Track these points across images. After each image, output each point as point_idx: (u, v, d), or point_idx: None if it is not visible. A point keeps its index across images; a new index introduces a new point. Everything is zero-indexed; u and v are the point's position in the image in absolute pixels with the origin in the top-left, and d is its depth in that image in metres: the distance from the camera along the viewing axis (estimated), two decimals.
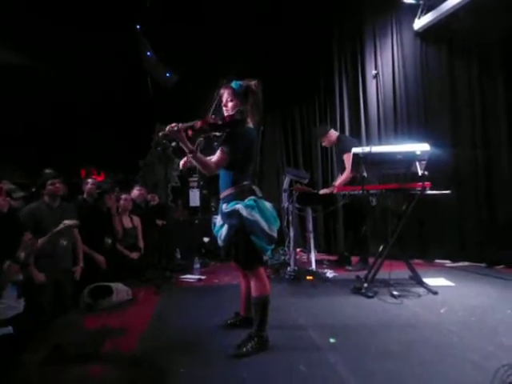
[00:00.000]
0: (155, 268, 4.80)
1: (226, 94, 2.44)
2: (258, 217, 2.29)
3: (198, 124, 2.28)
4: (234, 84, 2.43)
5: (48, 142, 7.12)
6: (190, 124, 2.27)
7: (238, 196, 2.35)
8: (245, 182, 2.40)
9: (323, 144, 5.21)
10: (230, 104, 2.43)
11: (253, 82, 2.46)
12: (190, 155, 2.27)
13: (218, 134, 2.39)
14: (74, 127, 7.37)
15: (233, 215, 2.32)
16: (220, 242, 2.50)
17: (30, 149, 6.96)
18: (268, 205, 2.42)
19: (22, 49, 6.23)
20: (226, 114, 2.43)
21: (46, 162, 6.06)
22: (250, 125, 2.45)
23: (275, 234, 2.39)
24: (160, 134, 2.26)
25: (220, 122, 2.32)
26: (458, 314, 2.90)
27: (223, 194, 2.45)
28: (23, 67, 6.39)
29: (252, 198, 2.35)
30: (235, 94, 2.42)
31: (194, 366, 2.20)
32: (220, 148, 2.35)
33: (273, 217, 2.39)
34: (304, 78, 6.87)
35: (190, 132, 2.27)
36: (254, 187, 2.42)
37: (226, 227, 2.39)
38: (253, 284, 2.40)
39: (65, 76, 6.92)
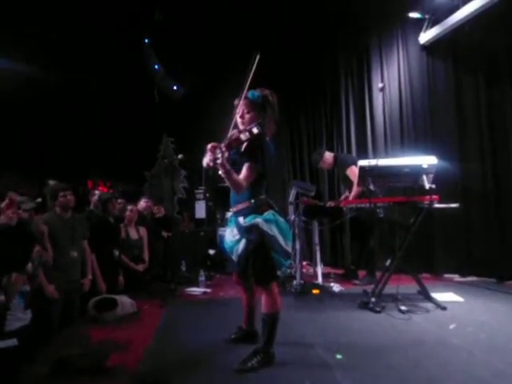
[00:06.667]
0: (160, 280, 4.78)
1: (242, 105, 2.31)
2: (276, 231, 2.22)
3: (232, 142, 2.16)
4: (250, 94, 2.30)
5: (55, 152, 7.21)
6: (226, 143, 2.12)
7: (257, 210, 2.26)
8: (262, 196, 2.31)
9: (323, 168, 5.16)
10: (246, 116, 2.32)
11: (268, 92, 2.36)
12: (225, 175, 2.11)
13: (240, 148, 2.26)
14: (81, 138, 7.45)
15: (252, 229, 2.23)
16: (235, 257, 2.38)
17: (37, 159, 7.05)
18: (282, 219, 2.34)
19: (31, 59, 6.34)
20: (241, 126, 2.32)
21: (52, 173, 6.14)
22: (267, 138, 2.34)
23: (290, 249, 2.33)
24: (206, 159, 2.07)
25: (245, 138, 2.16)
26: (468, 329, 2.85)
27: (239, 207, 2.34)
28: (34, 79, 6.50)
29: (271, 212, 2.27)
30: (252, 106, 2.31)
31: (199, 381, 2.17)
32: (246, 164, 2.22)
33: (288, 231, 2.31)
34: (310, 90, 6.92)
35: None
36: (271, 201, 2.33)
37: (243, 242, 2.30)
38: (264, 300, 2.32)
39: (73, 87, 7.03)
